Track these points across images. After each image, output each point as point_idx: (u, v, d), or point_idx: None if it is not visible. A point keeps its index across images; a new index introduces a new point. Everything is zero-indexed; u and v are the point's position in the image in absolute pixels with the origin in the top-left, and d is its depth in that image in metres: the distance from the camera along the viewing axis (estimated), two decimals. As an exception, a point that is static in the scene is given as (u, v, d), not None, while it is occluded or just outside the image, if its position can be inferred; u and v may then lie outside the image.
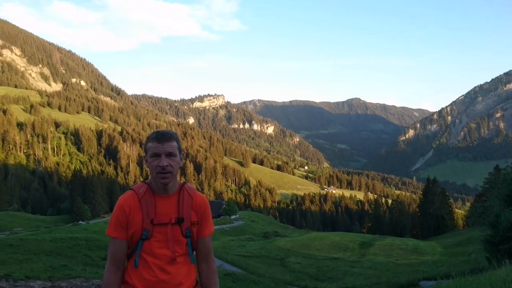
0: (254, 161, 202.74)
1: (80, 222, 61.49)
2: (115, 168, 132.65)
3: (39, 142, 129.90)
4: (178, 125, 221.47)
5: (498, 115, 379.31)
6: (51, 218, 79.29)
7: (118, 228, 2.56)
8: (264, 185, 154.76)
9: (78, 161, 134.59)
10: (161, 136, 2.59)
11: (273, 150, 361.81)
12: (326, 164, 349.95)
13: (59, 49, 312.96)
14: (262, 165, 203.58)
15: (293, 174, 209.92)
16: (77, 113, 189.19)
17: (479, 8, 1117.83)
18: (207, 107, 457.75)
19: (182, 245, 2.61)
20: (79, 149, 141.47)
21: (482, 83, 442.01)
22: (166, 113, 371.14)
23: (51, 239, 20.01)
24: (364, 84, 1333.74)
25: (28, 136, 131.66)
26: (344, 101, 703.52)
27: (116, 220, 2.57)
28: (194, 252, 2.73)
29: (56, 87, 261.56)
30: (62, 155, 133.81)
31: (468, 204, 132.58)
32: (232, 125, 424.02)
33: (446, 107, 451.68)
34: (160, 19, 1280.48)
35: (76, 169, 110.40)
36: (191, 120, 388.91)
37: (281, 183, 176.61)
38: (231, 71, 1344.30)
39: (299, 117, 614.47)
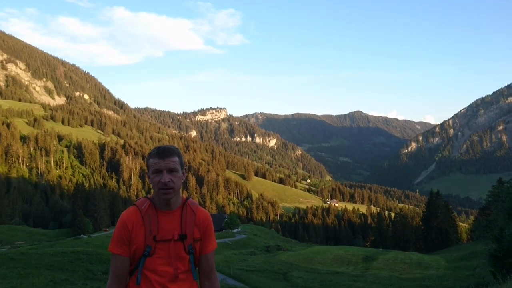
0: (256, 174, 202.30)
1: (81, 235, 61.24)
2: (117, 181, 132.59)
3: (42, 155, 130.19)
4: (181, 138, 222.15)
5: (500, 128, 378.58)
6: (52, 232, 78.94)
7: (121, 244, 2.54)
8: (266, 198, 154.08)
9: (81, 174, 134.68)
10: (162, 152, 2.58)
11: (275, 163, 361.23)
12: (328, 177, 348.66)
13: (63, 63, 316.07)
14: (264, 178, 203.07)
15: (296, 187, 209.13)
16: (80, 126, 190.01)
17: (480, 22, 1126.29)
18: (210, 120, 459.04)
19: (184, 261, 2.58)
20: (81, 162, 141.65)
21: (483, 96, 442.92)
22: (169, 126, 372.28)
23: (53, 253, 19.92)
24: (365, 97, 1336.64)
25: (31, 149, 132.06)
26: (346, 114, 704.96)
27: (118, 236, 2.55)
28: (197, 268, 2.71)
29: (60, 100, 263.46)
30: (65, 168, 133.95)
31: (471, 217, 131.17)
32: (234, 138, 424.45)
33: (448, 120, 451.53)
34: (164, 34, 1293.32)
35: (78, 182, 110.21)
36: (193, 133, 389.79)
37: (284, 196, 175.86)
38: (233, 85, 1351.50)
39: (301, 130, 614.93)
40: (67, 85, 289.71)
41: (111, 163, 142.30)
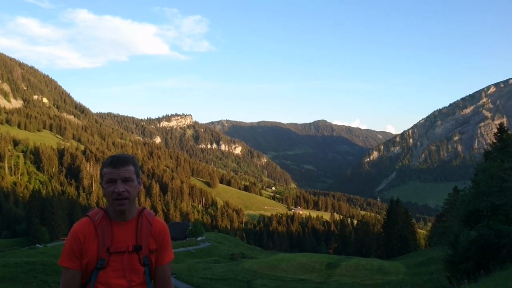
0: (221, 182, 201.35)
1: (37, 245, 58.66)
2: (77, 188, 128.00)
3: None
4: (144, 144, 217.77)
5: (456, 138, 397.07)
6: (5, 241, 75.12)
7: (71, 257, 2.44)
8: (231, 205, 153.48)
9: (38, 180, 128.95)
10: (117, 161, 2.51)
11: (240, 171, 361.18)
12: (293, 185, 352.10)
13: (21, 65, 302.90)
14: (230, 185, 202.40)
15: (261, 195, 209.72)
16: (38, 131, 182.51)
17: (439, 36, 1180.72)
18: (175, 127, 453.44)
19: (139, 274, 2.50)
20: (38, 168, 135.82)
21: (441, 107, 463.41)
22: (132, 132, 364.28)
23: (4, 264, 18.93)
24: (330, 107, 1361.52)
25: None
26: (310, 123, 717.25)
27: (69, 249, 2.45)
28: (152, 281, 2.62)
29: (16, 104, 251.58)
30: (20, 175, 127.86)
31: (429, 224, 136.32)
32: (200, 145, 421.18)
33: (408, 130, 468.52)
34: (129, 38, 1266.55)
35: (34, 189, 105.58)
36: (157, 140, 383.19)
37: (249, 203, 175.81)
38: (199, 91, 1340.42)
39: (266, 138, 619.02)
40: (25, 88, 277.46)
41: (70, 170, 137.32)
